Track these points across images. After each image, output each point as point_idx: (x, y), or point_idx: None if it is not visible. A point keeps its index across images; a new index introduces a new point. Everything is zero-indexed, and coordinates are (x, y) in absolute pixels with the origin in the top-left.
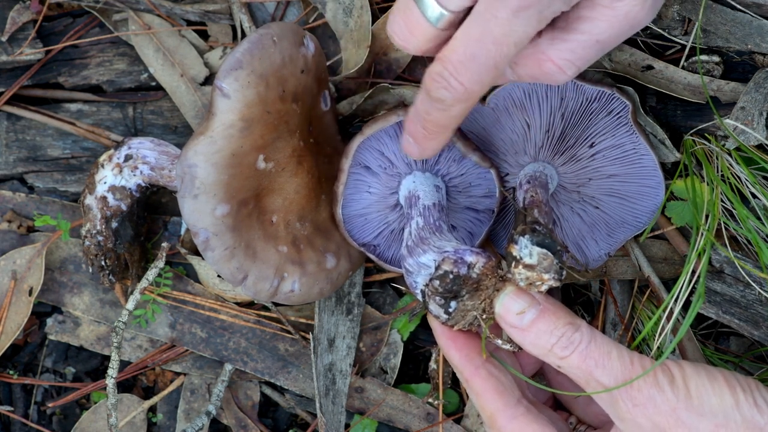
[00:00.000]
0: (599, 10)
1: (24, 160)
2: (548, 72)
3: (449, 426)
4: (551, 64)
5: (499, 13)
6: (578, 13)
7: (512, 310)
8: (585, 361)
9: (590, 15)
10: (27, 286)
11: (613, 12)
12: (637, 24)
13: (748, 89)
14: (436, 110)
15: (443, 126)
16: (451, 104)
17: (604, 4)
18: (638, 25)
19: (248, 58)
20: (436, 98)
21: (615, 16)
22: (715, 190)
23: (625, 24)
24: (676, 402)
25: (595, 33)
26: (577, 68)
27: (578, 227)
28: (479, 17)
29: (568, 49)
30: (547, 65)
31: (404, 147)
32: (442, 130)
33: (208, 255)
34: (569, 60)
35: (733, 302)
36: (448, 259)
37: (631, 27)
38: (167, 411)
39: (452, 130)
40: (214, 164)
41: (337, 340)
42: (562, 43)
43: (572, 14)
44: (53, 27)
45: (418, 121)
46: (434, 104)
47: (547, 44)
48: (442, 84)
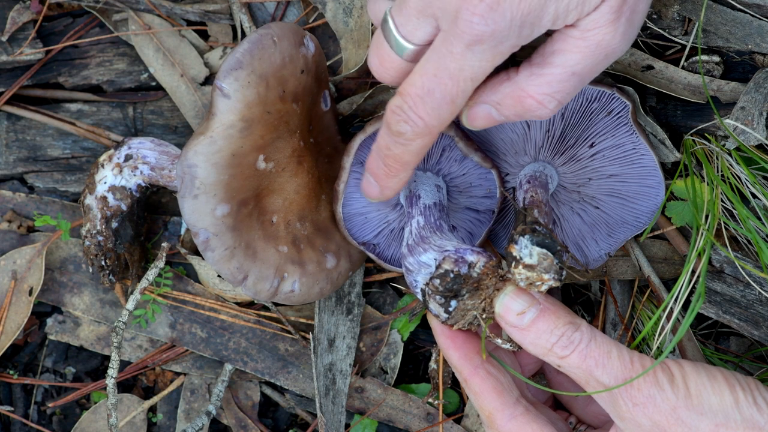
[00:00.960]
0: (571, 41)
1: (24, 160)
2: (530, 108)
3: (449, 426)
4: (531, 100)
5: (453, 48)
6: (552, 47)
7: (512, 310)
8: (585, 361)
9: (563, 47)
10: (27, 286)
11: (585, 42)
12: (611, 52)
13: (748, 89)
14: (396, 144)
15: (404, 162)
16: (411, 138)
17: (575, 35)
18: (612, 53)
19: (248, 59)
20: (396, 132)
21: (587, 46)
22: (715, 190)
23: (599, 53)
24: (676, 401)
25: (570, 65)
26: (557, 102)
27: (578, 227)
28: (435, 52)
29: (545, 83)
30: (527, 101)
31: (364, 188)
32: (402, 166)
33: (209, 255)
34: (548, 94)
35: (733, 302)
36: (449, 258)
37: (605, 56)
38: (167, 411)
39: (412, 168)
40: (214, 164)
41: (337, 340)
42: (539, 77)
43: (547, 48)
44: (53, 27)
45: (379, 158)
46: (395, 138)
47: (526, 80)
48: (402, 117)
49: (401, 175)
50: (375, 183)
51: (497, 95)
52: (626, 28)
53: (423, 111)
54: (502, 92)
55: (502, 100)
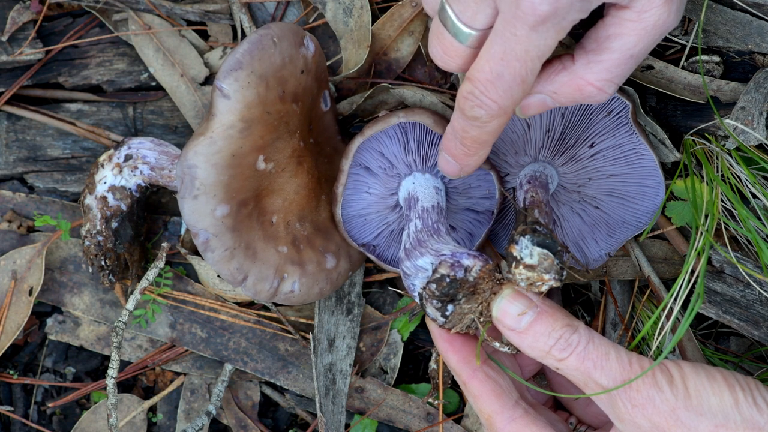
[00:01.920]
0: (627, 24)
1: (24, 160)
2: (589, 95)
3: (449, 426)
4: (591, 87)
5: (517, 31)
6: (607, 32)
7: (509, 313)
8: (583, 363)
9: (619, 32)
10: (27, 286)
11: (641, 24)
12: (665, 30)
13: (748, 89)
14: (473, 128)
15: (482, 142)
16: (487, 120)
17: (631, 18)
18: (666, 30)
19: (248, 59)
20: (471, 116)
21: (644, 28)
22: (714, 190)
23: (655, 33)
24: (675, 402)
25: (628, 48)
26: (615, 85)
27: (578, 227)
28: (499, 36)
29: (604, 69)
30: (587, 89)
31: (442, 166)
32: (481, 145)
33: (208, 256)
34: (607, 79)
35: (733, 302)
36: (445, 262)
37: (660, 34)
38: (167, 411)
39: (490, 145)
40: (214, 165)
41: (337, 340)
42: (597, 65)
43: (601, 33)
44: (53, 27)
45: (456, 139)
46: (470, 122)
47: (584, 68)
48: (475, 102)
49: (480, 153)
50: (454, 162)
51: (554, 85)
52: (679, 4)
53: (495, 94)
54: (559, 82)
55: (559, 89)
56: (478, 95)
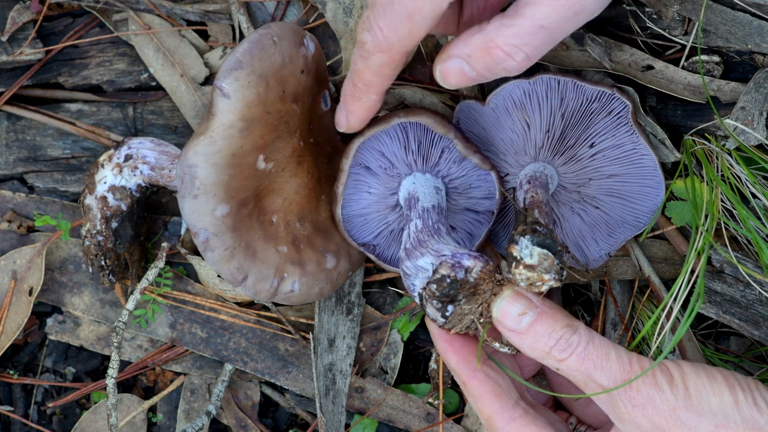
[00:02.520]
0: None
1: (24, 160)
2: (498, 59)
3: (449, 426)
4: (499, 51)
5: None
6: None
7: (509, 314)
8: (583, 363)
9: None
10: (27, 286)
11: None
12: (581, 11)
13: (748, 89)
14: (360, 59)
15: (366, 82)
16: (370, 50)
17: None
18: (583, 11)
19: (248, 59)
20: (360, 42)
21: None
22: (714, 190)
23: (569, 10)
24: (676, 402)
25: (539, 18)
26: (525, 54)
27: (578, 227)
28: None
29: (513, 34)
30: (495, 52)
31: (336, 116)
32: (366, 87)
33: (208, 255)
34: (515, 45)
35: (734, 302)
36: (446, 263)
37: (575, 13)
38: (167, 411)
39: (375, 92)
40: (214, 164)
41: (337, 340)
42: (508, 28)
43: (521, 1)
44: (53, 27)
45: (349, 78)
46: (359, 51)
47: (495, 31)
48: (365, 26)
49: (364, 100)
50: (343, 107)
51: (468, 47)
52: None
53: (383, 22)
54: (472, 44)
55: (472, 51)
56: (371, 19)
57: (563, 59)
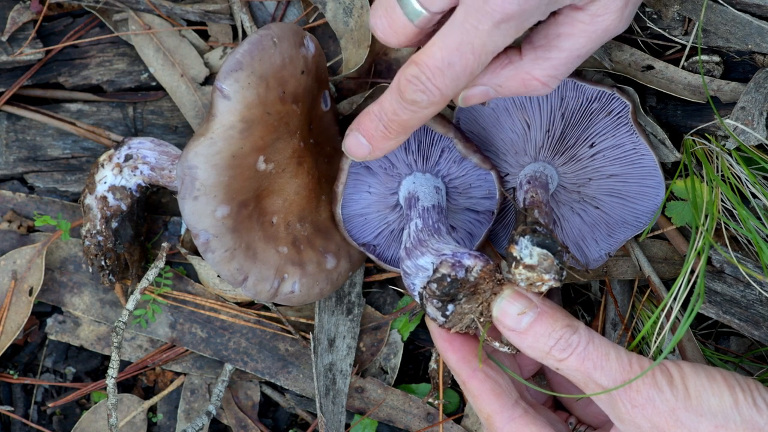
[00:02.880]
0: (579, 26)
1: (24, 160)
2: (533, 89)
3: (449, 426)
4: (537, 82)
5: (480, 25)
6: (558, 30)
7: (510, 314)
8: (583, 363)
9: (570, 32)
10: (27, 286)
11: (592, 27)
12: (613, 34)
13: (749, 89)
14: (406, 112)
15: (409, 127)
16: (425, 107)
17: (584, 20)
18: (614, 35)
19: (248, 59)
20: (410, 100)
21: (594, 31)
22: (714, 190)
23: (604, 37)
24: (675, 402)
25: (576, 49)
26: (559, 81)
27: (578, 227)
28: (459, 27)
29: (551, 67)
30: (532, 83)
31: (351, 147)
32: (405, 131)
33: (209, 256)
34: (553, 76)
35: (734, 302)
36: (446, 262)
37: (608, 38)
38: (167, 411)
39: (412, 132)
40: (214, 166)
41: (338, 340)
42: (545, 61)
43: (551, 31)
44: (53, 27)
45: (379, 121)
46: (406, 106)
47: (531, 64)
48: (419, 87)
49: (400, 138)
50: (366, 144)
51: (499, 78)
52: (631, 11)
53: (441, 83)
54: (504, 76)
55: (504, 83)
56: (424, 81)
57: None
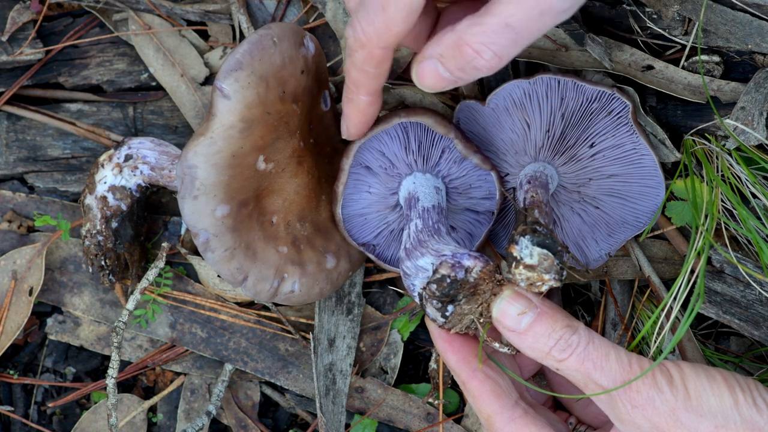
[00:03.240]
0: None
1: (24, 160)
2: (468, 58)
3: (449, 426)
4: (469, 49)
5: None
6: None
7: (509, 314)
8: (583, 364)
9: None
10: (27, 286)
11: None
12: (548, 10)
13: (748, 89)
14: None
15: (355, 82)
16: (352, 47)
17: None
18: (550, 11)
19: (248, 59)
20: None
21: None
22: (714, 190)
23: (535, 8)
24: (675, 403)
25: (504, 15)
26: (492, 53)
27: (579, 227)
28: None
29: (481, 32)
30: (465, 50)
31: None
32: (355, 87)
33: (209, 256)
34: (483, 43)
35: (734, 302)
36: (446, 262)
37: (541, 12)
38: (167, 411)
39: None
40: (214, 165)
41: (338, 340)
42: (477, 26)
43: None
44: (53, 27)
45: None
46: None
47: (465, 29)
48: (348, 25)
49: (355, 100)
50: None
51: (440, 46)
52: None
53: (360, 15)
54: (444, 43)
55: (444, 50)
56: (353, 20)
57: (563, 59)
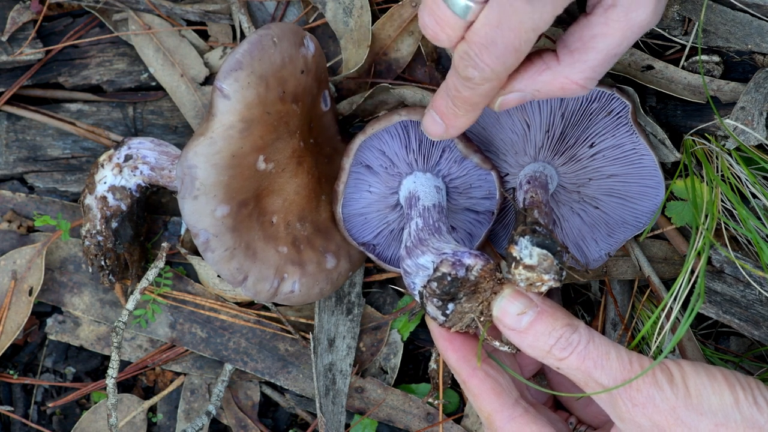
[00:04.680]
0: (613, 25)
1: (24, 160)
2: (572, 91)
3: (449, 426)
4: (575, 86)
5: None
6: (592, 32)
7: (510, 313)
8: (584, 362)
9: (604, 32)
10: (27, 286)
11: (627, 24)
12: (646, 28)
13: (748, 89)
14: (465, 88)
15: (473, 104)
16: (479, 83)
17: (618, 18)
18: (647, 28)
19: (248, 59)
20: (465, 77)
21: (629, 27)
22: (714, 190)
23: (639, 32)
24: (676, 401)
25: (612, 48)
26: (596, 81)
27: (578, 227)
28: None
29: (589, 68)
30: (571, 87)
31: (428, 126)
32: (471, 107)
33: (209, 256)
34: (590, 78)
35: (734, 302)
36: (446, 261)
37: (642, 32)
38: (167, 411)
39: (480, 108)
40: (214, 165)
41: (337, 340)
42: (583, 63)
43: (586, 33)
44: (53, 27)
45: (448, 98)
46: (463, 82)
47: (569, 68)
48: (469, 63)
49: (469, 116)
50: (441, 122)
51: (537, 84)
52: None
53: (488, 59)
54: (542, 81)
55: (542, 87)
56: (473, 57)
57: None
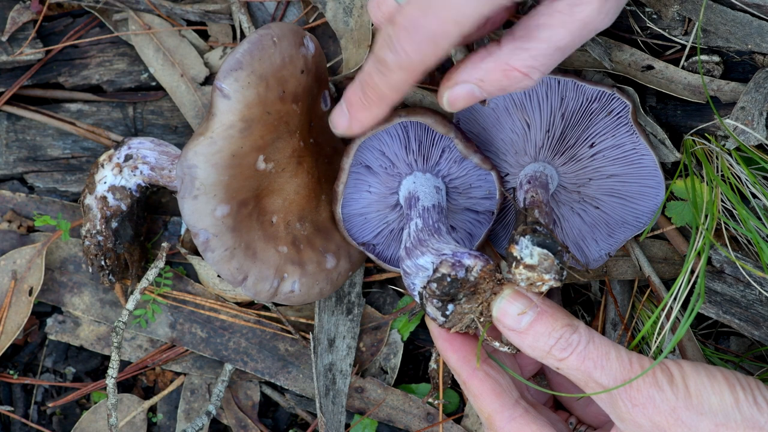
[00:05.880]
0: (557, 17)
1: (24, 160)
2: (515, 80)
3: (449, 426)
4: (517, 73)
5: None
6: (537, 21)
7: (509, 314)
8: (584, 362)
9: (549, 22)
10: (27, 286)
11: (571, 18)
12: (594, 30)
13: (748, 89)
14: (378, 72)
15: (381, 95)
16: (391, 68)
17: (563, 11)
18: (596, 30)
19: (248, 59)
20: (380, 58)
21: (573, 22)
22: (714, 190)
23: (584, 31)
24: (676, 401)
25: (555, 40)
26: (541, 73)
27: (579, 227)
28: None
29: (530, 57)
30: (513, 74)
31: (333, 117)
32: (379, 99)
33: (208, 256)
34: (533, 66)
35: (734, 302)
36: (446, 261)
37: (588, 33)
38: (167, 411)
39: (387, 105)
40: (214, 165)
41: (337, 340)
42: (524, 51)
43: (532, 22)
44: (53, 27)
45: (359, 85)
46: (377, 66)
47: (509, 54)
48: (388, 45)
49: (374, 110)
50: (346, 112)
51: (479, 71)
52: (613, 6)
53: (406, 43)
54: (484, 68)
55: (485, 76)
56: (393, 39)
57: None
